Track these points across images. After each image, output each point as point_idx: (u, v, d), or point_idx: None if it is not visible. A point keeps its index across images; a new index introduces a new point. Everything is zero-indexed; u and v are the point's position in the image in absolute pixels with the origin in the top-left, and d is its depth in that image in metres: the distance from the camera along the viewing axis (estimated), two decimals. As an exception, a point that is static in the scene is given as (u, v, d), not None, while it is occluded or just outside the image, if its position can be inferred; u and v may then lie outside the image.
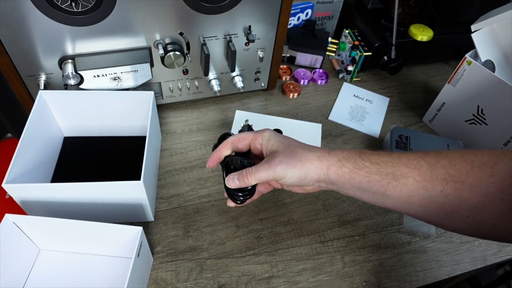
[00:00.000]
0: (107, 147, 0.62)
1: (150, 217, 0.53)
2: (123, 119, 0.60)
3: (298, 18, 0.80)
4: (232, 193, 0.46)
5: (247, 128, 0.53)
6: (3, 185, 0.44)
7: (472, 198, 0.35)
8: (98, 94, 0.56)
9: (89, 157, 0.60)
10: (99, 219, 0.44)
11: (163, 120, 0.67)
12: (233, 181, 0.44)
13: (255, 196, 0.48)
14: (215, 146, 0.49)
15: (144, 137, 0.50)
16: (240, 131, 0.52)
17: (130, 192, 0.47)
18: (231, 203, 0.47)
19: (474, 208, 0.35)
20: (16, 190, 0.45)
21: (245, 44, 0.62)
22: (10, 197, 0.51)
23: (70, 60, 0.53)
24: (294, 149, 0.42)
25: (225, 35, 0.59)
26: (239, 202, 0.47)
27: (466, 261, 0.54)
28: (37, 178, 0.52)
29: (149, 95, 0.55)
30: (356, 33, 0.78)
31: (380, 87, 0.79)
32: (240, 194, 0.46)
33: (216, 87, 0.66)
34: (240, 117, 0.64)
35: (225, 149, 0.47)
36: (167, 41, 0.57)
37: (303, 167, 0.41)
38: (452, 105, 0.66)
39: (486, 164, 0.35)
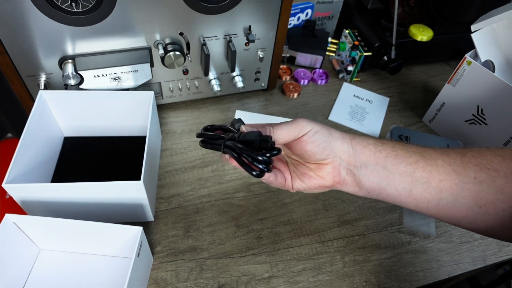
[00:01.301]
0: (107, 147, 0.62)
1: (150, 217, 0.53)
2: (123, 119, 0.60)
3: (298, 18, 0.80)
4: (249, 156, 0.36)
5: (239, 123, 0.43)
6: (3, 185, 0.44)
7: (508, 188, 0.33)
8: (98, 94, 0.56)
9: (89, 157, 0.60)
10: (99, 219, 0.44)
11: (163, 120, 0.67)
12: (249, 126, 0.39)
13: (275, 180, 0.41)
14: (203, 138, 0.41)
15: (144, 137, 0.50)
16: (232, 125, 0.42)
17: (130, 192, 0.47)
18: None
19: (510, 200, 0.33)
20: (16, 190, 0.45)
21: (245, 44, 0.62)
22: (10, 197, 0.51)
23: (70, 60, 0.53)
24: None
25: (225, 35, 0.59)
26: (263, 168, 0.36)
27: (466, 261, 0.54)
28: (37, 178, 0.52)
29: (149, 95, 0.55)
30: (356, 33, 0.78)
31: (380, 87, 0.79)
32: (260, 158, 0.35)
33: (216, 87, 0.66)
34: (240, 117, 0.64)
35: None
36: (167, 41, 0.57)
37: (327, 131, 0.39)
38: (452, 105, 0.66)
39: None
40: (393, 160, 0.37)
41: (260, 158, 0.36)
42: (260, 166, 0.36)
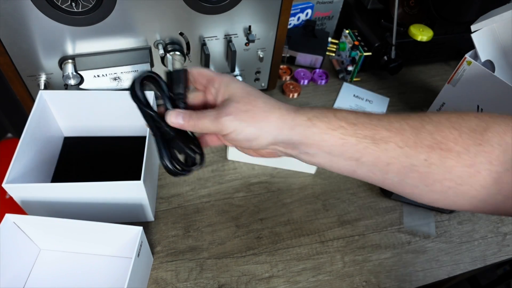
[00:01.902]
0: (107, 147, 0.62)
1: (150, 217, 0.53)
2: (123, 119, 0.60)
3: (298, 18, 0.80)
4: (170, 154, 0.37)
5: (182, 75, 0.39)
6: (3, 185, 0.44)
7: (457, 168, 0.32)
8: (98, 94, 0.56)
9: (89, 157, 0.60)
10: (99, 219, 0.44)
11: (163, 120, 0.67)
12: (177, 118, 0.37)
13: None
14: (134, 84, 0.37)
15: (144, 137, 0.50)
16: (169, 74, 0.39)
17: (130, 192, 0.47)
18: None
19: (457, 178, 0.32)
20: (16, 190, 0.45)
21: (245, 44, 0.62)
22: (10, 197, 0.51)
23: (70, 60, 0.53)
24: (252, 101, 0.36)
25: (225, 35, 0.59)
26: (180, 171, 0.38)
27: (466, 261, 0.54)
28: (38, 178, 0.52)
29: (149, 95, 0.55)
30: (356, 33, 0.78)
31: (380, 87, 0.79)
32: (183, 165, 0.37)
33: (216, 87, 0.66)
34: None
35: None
36: (167, 41, 0.57)
37: (256, 124, 0.35)
38: (452, 105, 0.66)
39: (475, 130, 0.32)
40: (340, 148, 0.34)
41: (170, 167, 0.37)
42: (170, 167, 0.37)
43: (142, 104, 0.38)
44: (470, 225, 0.58)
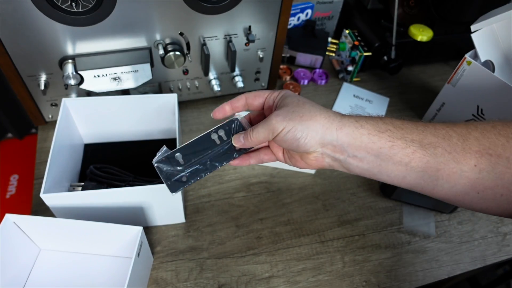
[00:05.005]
0: (126, 152, 0.61)
1: (182, 218, 0.53)
2: (143, 123, 0.59)
3: (298, 18, 0.80)
4: None
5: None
6: (41, 195, 0.43)
7: (508, 174, 0.32)
8: (119, 99, 0.55)
9: (111, 163, 0.58)
10: (130, 223, 0.44)
11: (163, 120, 0.67)
12: (239, 139, 0.40)
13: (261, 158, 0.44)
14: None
15: (162, 140, 0.49)
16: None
17: (165, 195, 0.47)
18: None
19: (510, 185, 0.32)
20: (53, 199, 0.45)
21: (245, 44, 0.62)
22: (10, 197, 0.51)
23: (70, 60, 0.53)
24: (301, 105, 0.37)
25: (225, 35, 0.59)
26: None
27: (466, 261, 0.54)
28: (67, 185, 0.53)
29: (173, 97, 0.55)
30: (356, 33, 0.78)
31: (380, 87, 0.79)
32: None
33: (216, 87, 0.66)
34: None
35: (238, 103, 0.42)
36: (167, 41, 0.57)
37: (303, 123, 0.36)
38: (452, 105, 0.66)
39: None
40: (388, 151, 0.35)
41: None
42: None
43: None
44: (470, 225, 0.58)
